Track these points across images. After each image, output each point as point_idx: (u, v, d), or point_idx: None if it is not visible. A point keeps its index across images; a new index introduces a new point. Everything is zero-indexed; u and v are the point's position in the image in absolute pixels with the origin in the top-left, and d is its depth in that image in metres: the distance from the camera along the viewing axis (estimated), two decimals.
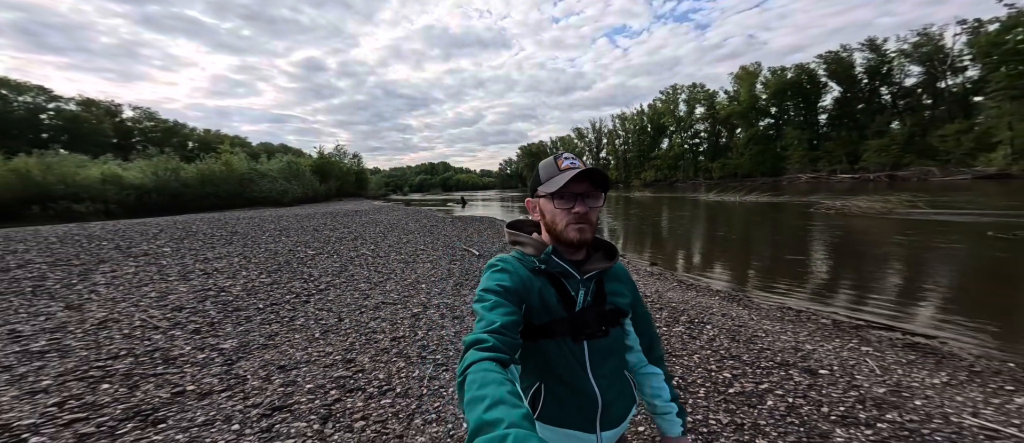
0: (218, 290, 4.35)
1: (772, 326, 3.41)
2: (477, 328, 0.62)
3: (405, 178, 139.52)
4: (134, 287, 4.45)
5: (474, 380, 0.48)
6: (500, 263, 0.77)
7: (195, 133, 68.72)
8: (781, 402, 2.06)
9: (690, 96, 71.17)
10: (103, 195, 24.79)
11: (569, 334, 0.75)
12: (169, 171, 28.79)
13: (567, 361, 0.75)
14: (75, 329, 3.14)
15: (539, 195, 0.79)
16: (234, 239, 8.47)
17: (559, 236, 0.76)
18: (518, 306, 0.69)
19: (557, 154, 0.79)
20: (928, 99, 45.83)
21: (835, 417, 1.92)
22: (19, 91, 49.96)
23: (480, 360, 0.53)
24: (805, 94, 55.36)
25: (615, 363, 0.81)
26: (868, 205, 11.25)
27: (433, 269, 5.55)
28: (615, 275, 0.85)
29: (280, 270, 5.47)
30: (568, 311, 0.76)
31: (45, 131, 50.36)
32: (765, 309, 4.09)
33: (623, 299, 0.83)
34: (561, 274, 0.77)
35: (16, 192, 22.96)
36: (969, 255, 6.50)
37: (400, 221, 13.01)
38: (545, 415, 0.75)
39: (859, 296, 4.68)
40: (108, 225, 11.37)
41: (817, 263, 6.53)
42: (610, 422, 0.78)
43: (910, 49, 45.30)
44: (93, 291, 4.29)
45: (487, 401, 0.43)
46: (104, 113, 55.95)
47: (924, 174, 34.67)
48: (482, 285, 0.73)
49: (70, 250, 6.75)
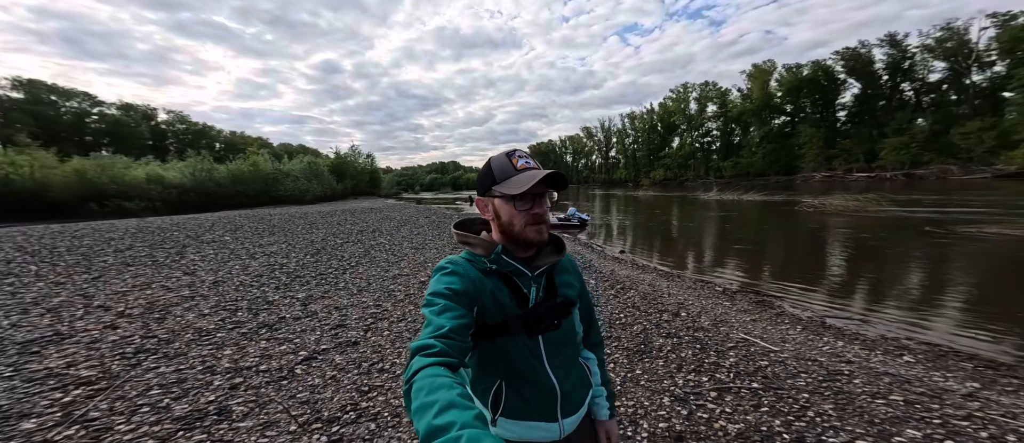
0: (280, 265, 5.87)
1: (677, 292, 4.64)
2: (424, 333, 0.61)
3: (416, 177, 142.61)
4: (220, 262, 6.03)
5: (421, 387, 0.47)
6: (449, 265, 0.76)
7: (222, 135, 72.80)
8: (648, 324, 3.34)
9: (702, 94, 70.51)
10: (149, 193, 27.48)
11: (524, 330, 0.76)
12: (204, 171, 31.44)
13: (524, 357, 0.76)
14: (200, 286, 4.66)
15: (494, 194, 0.77)
16: (275, 231, 10.12)
17: (517, 237, 0.76)
18: (469, 308, 0.69)
19: (510, 152, 0.77)
20: (953, 95, 44.32)
21: (667, 317, 3.21)
22: (67, 97, 54.19)
23: (427, 366, 0.52)
24: (823, 91, 54.07)
25: (569, 352, 0.83)
26: (841, 203, 12.08)
27: (438, 254, 6.93)
28: (564, 267, 0.86)
29: (319, 253, 6.97)
30: (521, 308, 0.76)
31: (90, 134, 54.31)
32: (686, 282, 5.32)
33: (572, 290, 0.85)
34: (512, 273, 0.77)
35: (76, 190, 25.78)
36: (880, 243, 7.81)
37: (411, 217, 14.52)
38: (509, 411, 0.76)
39: (755, 272, 6.09)
40: (165, 220, 13.33)
41: (749, 250, 7.98)
42: (570, 409, 0.80)
43: (933, 44, 43.92)
44: (195, 264, 5.88)
45: (437, 406, 0.42)
46: (141, 116, 59.97)
47: (943, 173, 33.94)
48: (430, 289, 0.71)
49: (154, 238, 8.49)
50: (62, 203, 24.66)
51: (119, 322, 3.46)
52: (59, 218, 20.62)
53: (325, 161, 43.85)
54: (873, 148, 45.38)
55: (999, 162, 31.99)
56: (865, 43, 49.55)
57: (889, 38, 47.50)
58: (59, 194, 25.01)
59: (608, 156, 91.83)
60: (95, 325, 3.39)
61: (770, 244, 8.92)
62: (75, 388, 2.31)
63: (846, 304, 4.63)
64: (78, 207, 24.80)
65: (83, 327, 3.32)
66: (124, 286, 4.66)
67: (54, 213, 23.43)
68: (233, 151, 46.98)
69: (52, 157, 27.53)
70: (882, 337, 3.60)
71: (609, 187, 64.94)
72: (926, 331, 3.78)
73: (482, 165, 0.81)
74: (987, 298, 4.61)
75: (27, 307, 3.86)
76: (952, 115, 42.15)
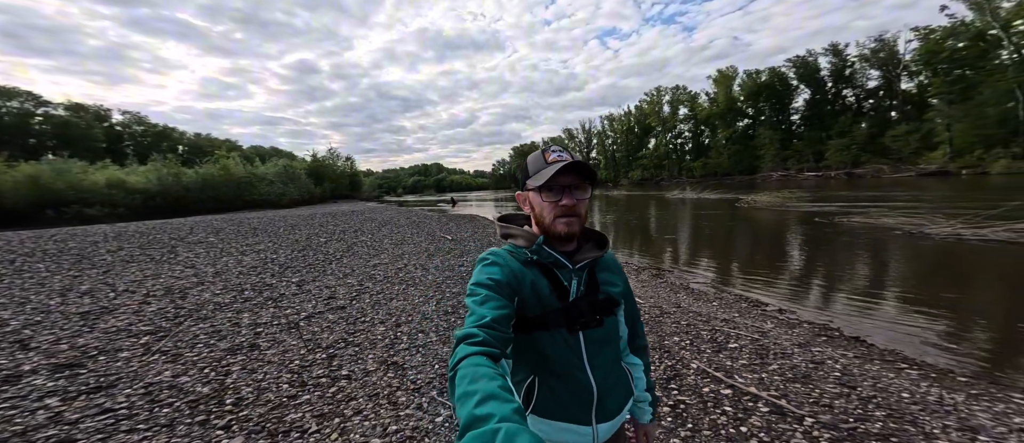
0: (271, 259, 6.67)
1: None
2: (468, 323, 0.62)
3: (399, 179, 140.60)
4: (215, 258, 6.74)
5: (464, 375, 0.48)
6: (491, 256, 0.77)
7: (186, 137, 69.33)
8: None
9: (674, 97, 74.18)
10: (111, 199, 26.45)
11: (564, 324, 0.75)
12: (172, 176, 30.47)
13: (562, 353, 0.75)
14: (203, 276, 5.44)
15: (528, 188, 0.79)
16: (257, 233, 10.69)
17: (548, 229, 0.77)
18: (510, 299, 0.69)
19: (546, 147, 0.79)
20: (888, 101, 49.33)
21: None
22: (8, 97, 50.19)
23: (470, 354, 0.53)
24: (779, 96, 58.23)
25: (611, 353, 0.82)
26: (767, 199, 14.08)
27: (415, 248, 7.91)
28: (606, 264, 0.86)
29: (305, 250, 7.77)
30: (562, 301, 0.76)
31: (35, 136, 50.52)
32: None
33: (616, 288, 0.84)
34: (553, 264, 0.77)
35: (30, 197, 24.49)
36: (770, 229, 9.86)
37: (392, 218, 15.30)
38: (540, 408, 0.75)
39: (663, 254, 7.61)
40: (140, 225, 13.45)
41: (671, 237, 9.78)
42: (606, 414, 0.78)
43: (869, 54, 48.81)
44: (192, 260, 6.57)
45: (478, 396, 0.43)
46: (94, 117, 56.33)
47: (877, 171, 37.95)
48: (473, 279, 0.72)
49: (140, 240, 8.94)
50: (15, 210, 23.41)
51: (149, 300, 4.27)
52: (13, 226, 19.69)
53: (302, 164, 43.14)
54: (821, 149, 49.70)
55: (922, 162, 36.16)
56: (812, 52, 54.16)
57: (832, 47, 52.24)
58: (12, 201, 23.71)
59: (589, 157, 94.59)
60: (131, 301, 4.19)
61: (690, 233, 10.87)
62: (141, 338, 3.20)
63: (708, 272, 6.23)
64: (33, 214, 23.62)
65: (122, 303, 4.12)
66: (136, 277, 5.37)
67: (7, 221, 22.23)
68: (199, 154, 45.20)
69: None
70: (714, 293, 4.98)
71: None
72: (747, 289, 5.20)
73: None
74: (791, 267, 6.26)
75: (61, 292, 4.57)
76: (886, 119, 46.92)
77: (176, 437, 1.91)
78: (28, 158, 28.72)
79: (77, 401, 2.24)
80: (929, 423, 1.88)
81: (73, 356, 2.83)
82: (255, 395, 2.32)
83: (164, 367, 2.67)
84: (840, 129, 48.42)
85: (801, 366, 2.51)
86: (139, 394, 2.32)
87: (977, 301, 4.27)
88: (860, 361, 2.74)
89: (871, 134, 45.31)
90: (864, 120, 48.81)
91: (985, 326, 3.61)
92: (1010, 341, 3.28)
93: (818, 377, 2.37)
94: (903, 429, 1.83)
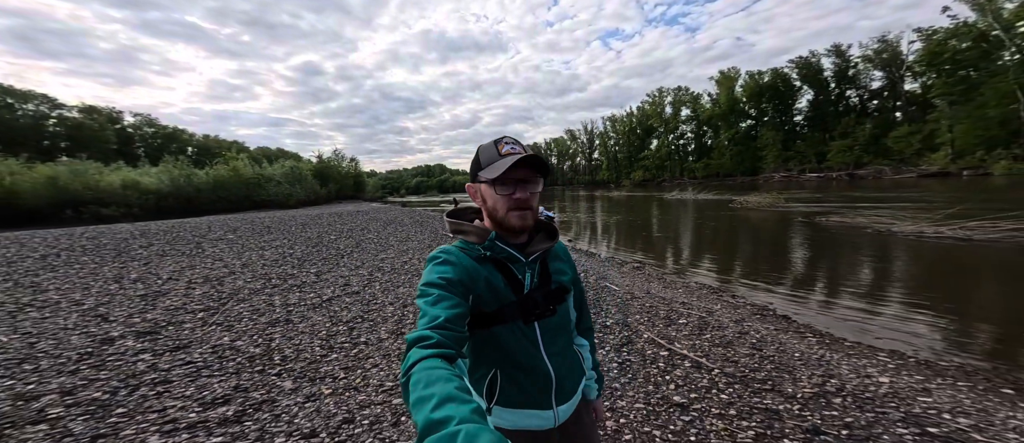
0: (289, 254, 7.37)
1: (591, 265, 6.51)
2: (420, 324, 0.60)
3: (402, 180, 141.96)
4: (239, 252, 7.46)
5: (419, 380, 0.47)
6: (442, 255, 0.75)
7: (195, 138, 70.78)
8: None
9: (676, 98, 74.37)
10: (126, 200, 27.48)
11: (520, 317, 0.77)
12: (184, 177, 31.50)
13: (520, 344, 0.77)
14: (233, 268, 6.15)
15: (480, 180, 0.78)
16: (271, 231, 11.43)
17: (501, 222, 0.77)
18: (464, 297, 0.69)
19: (498, 138, 0.77)
20: (891, 102, 49.24)
21: None
22: (24, 99, 51.62)
23: (424, 358, 0.52)
24: (781, 96, 58.16)
25: (564, 339, 0.86)
26: (757, 200, 14.59)
27: (419, 244, 8.58)
28: (556, 254, 0.88)
29: (318, 246, 8.47)
30: (517, 295, 0.77)
31: (48, 138, 51.85)
32: (599, 259, 7.23)
33: (566, 277, 0.87)
34: (506, 259, 0.78)
35: (49, 197, 25.55)
36: (754, 228, 10.41)
37: (397, 217, 16.01)
38: (504, 399, 0.78)
39: (649, 251, 8.21)
40: (160, 224, 14.29)
41: (660, 236, 10.34)
42: (564, 396, 0.82)
43: (872, 55, 48.79)
44: (218, 254, 7.29)
45: (434, 400, 0.42)
46: (106, 120, 57.72)
47: (878, 173, 38.06)
48: (424, 279, 0.70)
49: (166, 238, 9.70)
50: (36, 210, 24.46)
51: (193, 286, 4.97)
52: (35, 225, 20.67)
53: (307, 165, 44.12)
54: (823, 150, 49.73)
55: (923, 163, 36.20)
56: (815, 53, 54.16)
57: (835, 48, 52.24)
58: (32, 201, 24.77)
59: (591, 158, 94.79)
60: (178, 286, 4.89)
61: (676, 231, 11.48)
62: (197, 314, 3.88)
63: (681, 264, 6.88)
64: (52, 214, 24.64)
65: (170, 289, 4.82)
66: (175, 268, 6.09)
67: (28, 221, 23.26)
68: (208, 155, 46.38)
69: (19, 163, 27.07)
70: (681, 281, 5.58)
71: (593, 188, 67.83)
72: (708, 278, 5.85)
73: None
74: (754, 260, 6.86)
75: (115, 280, 5.28)
76: (889, 120, 46.86)
77: (243, 381, 2.57)
78: (43, 159, 29.89)
79: (164, 357, 2.92)
80: (802, 371, 2.49)
81: (148, 326, 3.52)
82: (296, 354, 2.98)
83: (222, 335, 3.35)
84: (843, 130, 48.42)
85: (728, 336, 3.12)
86: (209, 353, 3.00)
87: (901, 285, 4.88)
88: (777, 332, 3.35)
89: (874, 135, 45.30)
90: (868, 121, 48.79)
91: (889, 303, 4.30)
92: (901, 316, 3.92)
93: (739, 343, 2.98)
94: (780, 376, 2.44)
